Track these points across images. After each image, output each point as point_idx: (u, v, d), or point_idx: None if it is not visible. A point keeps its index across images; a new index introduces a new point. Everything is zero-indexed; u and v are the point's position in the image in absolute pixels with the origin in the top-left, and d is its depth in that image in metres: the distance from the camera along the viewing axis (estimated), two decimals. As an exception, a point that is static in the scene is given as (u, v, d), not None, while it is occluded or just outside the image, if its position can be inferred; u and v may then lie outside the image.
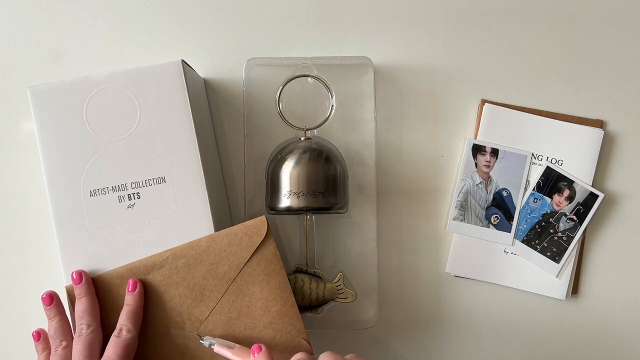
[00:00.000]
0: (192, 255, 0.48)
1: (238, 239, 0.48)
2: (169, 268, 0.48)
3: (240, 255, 0.48)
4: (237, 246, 0.48)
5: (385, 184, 0.60)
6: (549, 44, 0.61)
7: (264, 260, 0.48)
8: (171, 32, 0.60)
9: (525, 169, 0.60)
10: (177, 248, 0.48)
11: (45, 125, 0.49)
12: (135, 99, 0.49)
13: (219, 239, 0.48)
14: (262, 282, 0.48)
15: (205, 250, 0.48)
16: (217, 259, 0.48)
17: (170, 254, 0.48)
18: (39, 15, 0.60)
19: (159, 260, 0.48)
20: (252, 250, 0.48)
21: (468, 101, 0.61)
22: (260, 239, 0.48)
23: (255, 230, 0.48)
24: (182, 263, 0.48)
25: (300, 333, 0.48)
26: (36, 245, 0.59)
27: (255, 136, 0.59)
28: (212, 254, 0.48)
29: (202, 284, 0.48)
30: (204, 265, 0.48)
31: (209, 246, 0.48)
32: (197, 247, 0.48)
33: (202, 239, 0.48)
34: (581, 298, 0.61)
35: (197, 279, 0.48)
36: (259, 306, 0.48)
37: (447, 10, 0.61)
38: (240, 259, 0.48)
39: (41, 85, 0.49)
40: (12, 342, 0.59)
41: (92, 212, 0.49)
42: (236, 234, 0.48)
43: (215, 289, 0.48)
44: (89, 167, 0.49)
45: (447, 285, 0.61)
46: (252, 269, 0.48)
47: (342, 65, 0.59)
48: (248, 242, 0.48)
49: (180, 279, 0.48)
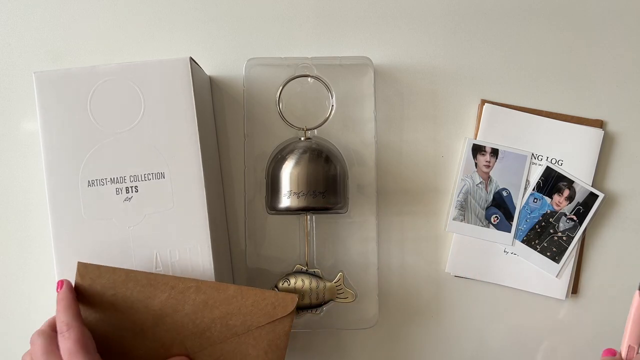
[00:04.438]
0: (214, 296, 0.47)
1: (263, 304, 0.48)
2: (186, 297, 0.47)
3: (256, 319, 0.48)
4: (258, 309, 0.48)
5: (385, 184, 0.60)
6: (549, 44, 0.61)
7: (274, 333, 0.48)
8: (171, 31, 0.60)
9: (525, 169, 0.60)
10: (203, 283, 0.48)
11: (47, 112, 0.49)
12: (141, 93, 0.49)
13: (247, 294, 0.48)
14: (262, 350, 0.48)
15: (228, 298, 0.47)
16: (234, 311, 0.47)
17: (194, 285, 0.47)
18: (41, 14, 0.60)
19: (180, 286, 0.47)
20: (270, 320, 0.48)
21: (468, 101, 0.61)
22: (282, 314, 0.48)
23: (282, 304, 0.48)
24: (201, 299, 0.47)
25: None
26: (36, 246, 0.60)
27: (255, 136, 0.59)
28: (233, 305, 0.47)
29: (208, 325, 0.47)
30: (220, 310, 0.47)
31: (234, 296, 0.48)
32: (222, 291, 0.48)
33: (231, 286, 0.48)
34: (581, 298, 0.61)
35: (206, 318, 0.47)
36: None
37: (447, 10, 0.61)
38: (254, 322, 0.48)
39: (47, 72, 0.49)
40: (12, 341, 0.59)
41: (89, 203, 0.49)
42: (264, 299, 0.48)
43: (217, 335, 0.47)
44: (88, 157, 0.49)
45: (447, 285, 0.61)
46: (260, 334, 0.48)
47: (342, 65, 0.59)
48: (271, 311, 0.48)
49: (191, 311, 0.47)
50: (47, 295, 0.59)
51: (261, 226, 0.59)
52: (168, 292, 0.47)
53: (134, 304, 0.47)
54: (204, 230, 0.49)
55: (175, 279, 0.47)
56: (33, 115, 0.58)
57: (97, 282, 0.46)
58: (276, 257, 0.59)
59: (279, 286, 0.55)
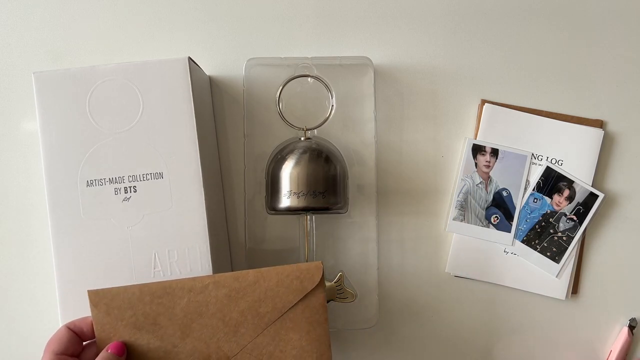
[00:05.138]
0: (235, 287, 0.45)
1: (288, 280, 0.45)
2: (207, 296, 0.44)
3: (286, 299, 0.45)
4: (285, 288, 0.45)
5: (385, 184, 0.60)
6: (549, 44, 0.61)
7: (309, 309, 0.45)
8: (171, 31, 0.60)
9: (525, 169, 0.60)
10: (220, 276, 0.45)
11: (47, 112, 0.49)
12: (139, 93, 0.49)
13: (268, 276, 0.45)
14: (303, 330, 0.45)
15: (250, 285, 0.45)
16: (261, 297, 0.45)
17: (211, 280, 0.45)
18: (41, 14, 0.60)
19: (198, 285, 0.45)
20: (301, 296, 0.45)
21: (468, 101, 0.61)
22: (311, 286, 0.45)
23: (308, 276, 0.45)
24: (223, 293, 0.44)
25: None
26: (36, 245, 0.60)
27: (255, 136, 0.59)
28: (258, 291, 0.45)
29: (239, 320, 0.45)
30: (246, 300, 0.45)
31: (255, 281, 0.45)
32: (242, 280, 0.45)
33: (249, 272, 0.45)
34: (581, 298, 0.61)
35: (235, 313, 0.45)
36: (293, 354, 0.45)
37: (447, 10, 0.61)
38: (285, 302, 0.45)
39: (46, 72, 0.49)
40: (12, 341, 0.59)
41: (88, 203, 0.49)
42: (287, 275, 0.45)
43: (251, 328, 0.45)
44: (87, 157, 0.49)
45: (447, 285, 0.61)
46: (295, 314, 0.45)
47: (342, 65, 0.59)
48: (298, 286, 0.45)
49: (217, 310, 0.44)
50: (47, 295, 0.59)
51: (261, 226, 0.59)
52: (187, 296, 0.44)
53: (156, 319, 0.44)
54: (202, 231, 0.49)
55: (190, 280, 0.45)
56: (33, 115, 0.58)
57: (113, 306, 0.44)
58: (276, 257, 0.59)
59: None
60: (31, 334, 0.59)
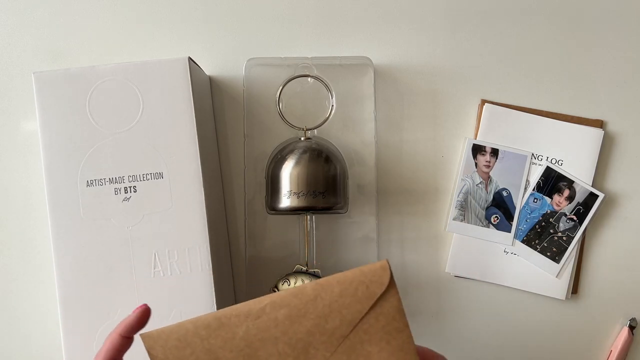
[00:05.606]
0: (295, 305, 0.40)
1: (353, 288, 0.40)
2: (266, 319, 0.40)
3: (354, 309, 0.40)
4: (351, 297, 0.40)
5: (385, 184, 0.60)
6: (549, 44, 0.61)
7: (384, 316, 0.40)
8: (171, 31, 0.60)
9: (525, 169, 0.60)
10: (277, 295, 0.40)
11: (47, 112, 0.49)
12: (139, 93, 0.49)
13: (329, 287, 0.40)
14: (382, 341, 0.40)
15: (311, 301, 0.40)
16: (326, 312, 0.40)
17: (268, 301, 0.40)
18: (40, 14, 0.60)
19: (254, 309, 0.40)
20: (371, 304, 0.40)
21: (468, 101, 0.61)
22: (381, 290, 0.40)
23: (374, 279, 0.40)
24: (283, 314, 0.40)
25: None
26: (36, 245, 0.59)
27: (255, 136, 0.59)
28: (321, 306, 0.40)
29: (306, 341, 0.39)
30: (310, 318, 0.40)
31: (316, 296, 0.40)
32: (301, 296, 0.40)
33: (307, 285, 0.40)
34: (581, 298, 0.61)
35: (300, 334, 0.39)
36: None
37: (447, 10, 0.61)
38: (354, 314, 0.40)
39: (46, 72, 0.49)
40: (12, 341, 0.59)
41: (88, 203, 0.49)
42: (350, 283, 0.40)
43: (322, 347, 0.39)
44: (87, 157, 0.49)
45: (447, 285, 0.61)
46: (369, 325, 0.40)
47: (342, 65, 0.59)
48: (365, 292, 0.40)
49: (280, 333, 0.39)
50: (47, 295, 0.59)
51: (261, 226, 0.59)
52: (245, 324, 0.40)
53: (217, 354, 0.39)
54: (202, 230, 0.49)
55: (245, 305, 0.40)
56: (32, 115, 0.58)
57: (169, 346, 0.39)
58: (276, 257, 0.59)
59: (279, 287, 0.55)
60: (31, 334, 0.59)
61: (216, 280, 0.50)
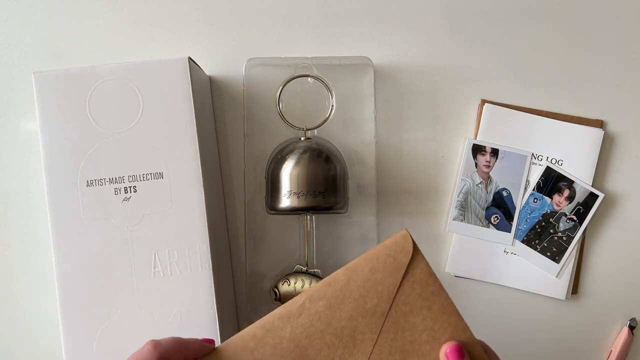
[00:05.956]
0: (331, 293, 0.40)
1: (381, 263, 0.40)
2: (308, 315, 0.40)
3: (388, 283, 0.40)
4: (382, 272, 0.40)
5: (385, 184, 0.60)
6: (549, 44, 0.61)
7: (418, 283, 0.40)
8: (171, 31, 0.60)
9: (525, 169, 0.60)
10: (312, 289, 0.40)
11: (47, 112, 0.49)
12: (139, 93, 0.49)
13: (359, 268, 0.40)
14: (423, 309, 0.40)
15: (345, 285, 0.40)
16: (362, 292, 0.40)
17: (305, 297, 0.40)
18: (40, 14, 0.60)
19: (294, 308, 0.40)
20: (402, 274, 0.40)
21: (468, 101, 0.61)
22: (407, 258, 0.40)
23: (399, 249, 0.40)
24: (323, 305, 0.40)
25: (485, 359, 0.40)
26: (36, 245, 0.59)
27: (255, 136, 0.59)
28: (355, 288, 0.40)
29: (351, 326, 0.40)
30: (349, 302, 0.40)
31: (348, 279, 0.40)
32: (335, 284, 0.40)
33: (338, 272, 0.40)
34: (581, 298, 0.61)
35: (343, 321, 0.40)
36: (424, 339, 0.40)
37: (447, 10, 0.61)
38: (389, 287, 0.40)
39: (46, 72, 0.49)
40: (12, 341, 0.59)
41: (88, 203, 0.49)
42: (377, 258, 0.40)
43: (368, 329, 0.40)
44: (87, 157, 0.49)
45: (447, 285, 0.60)
46: (406, 296, 0.40)
47: (342, 65, 0.59)
48: (394, 264, 0.40)
49: (324, 325, 0.39)
50: (47, 295, 0.59)
51: (261, 226, 0.59)
52: (288, 325, 0.40)
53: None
54: (202, 230, 0.49)
55: (284, 307, 0.40)
56: (33, 115, 0.58)
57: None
58: (276, 257, 0.59)
59: (279, 287, 0.55)
60: (31, 334, 0.59)
61: (216, 280, 0.50)
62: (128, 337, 0.48)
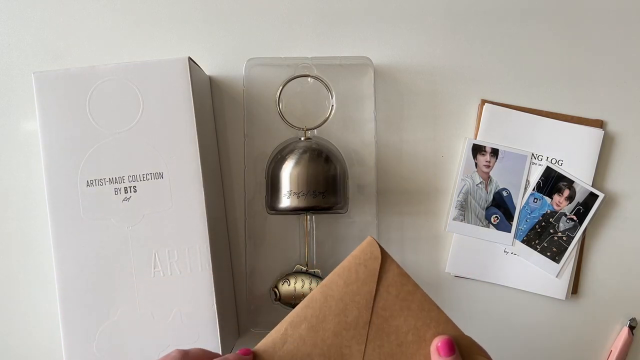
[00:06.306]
0: (311, 314, 0.40)
1: (354, 274, 0.41)
2: (292, 341, 0.40)
3: (364, 292, 0.40)
4: (356, 283, 0.40)
5: (385, 184, 0.60)
6: (549, 44, 0.61)
7: (392, 286, 0.41)
8: (171, 31, 0.60)
9: (525, 169, 0.60)
10: (292, 314, 0.41)
11: (47, 112, 0.49)
12: (139, 93, 0.49)
13: (333, 283, 0.41)
14: (402, 310, 0.40)
15: (324, 303, 0.40)
16: (341, 307, 0.40)
17: (287, 324, 0.41)
18: (40, 14, 0.60)
19: (277, 337, 0.40)
20: (375, 280, 0.41)
21: (468, 101, 0.61)
22: (378, 264, 0.41)
23: (368, 256, 0.41)
24: (305, 328, 0.40)
25: (472, 348, 0.41)
26: (36, 245, 0.59)
27: (255, 136, 0.59)
28: (334, 303, 0.40)
29: (337, 343, 0.40)
30: (330, 319, 0.40)
31: (326, 296, 0.41)
32: (313, 304, 0.41)
33: (314, 292, 0.41)
34: (581, 298, 0.61)
35: (328, 339, 0.40)
36: (410, 340, 0.40)
37: (447, 10, 0.61)
38: (367, 296, 0.40)
39: (46, 72, 0.49)
40: (12, 341, 0.59)
41: (88, 203, 0.49)
42: (349, 270, 0.41)
43: (354, 342, 0.40)
44: (87, 157, 0.49)
45: (447, 285, 0.61)
46: (384, 301, 0.40)
47: (342, 65, 0.59)
48: (366, 272, 0.41)
49: (310, 347, 0.40)
50: (47, 295, 0.59)
51: (261, 226, 0.59)
52: (275, 356, 0.40)
53: None
54: (202, 230, 0.49)
55: (267, 339, 0.41)
56: (33, 115, 0.58)
57: None
58: (276, 257, 0.59)
59: (279, 287, 0.55)
60: (31, 334, 0.59)
61: (216, 280, 0.50)
62: (128, 337, 0.48)
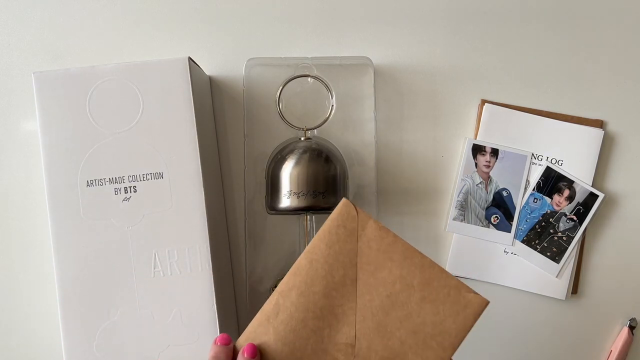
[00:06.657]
0: (300, 281, 0.41)
1: (334, 235, 0.41)
2: (284, 310, 0.41)
3: (347, 250, 0.41)
4: (337, 243, 0.41)
5: (385, 184, 0.60)
6: (549, 44, 0.61)
7: (373, 240, 0.41)
8: (171, 31, 0.60)
9: (525, 169, 0.60)
10: (280, 285, 0.42)
11: (47, 112, 0.49)
12: (139, 93, 0.49)
13: (316, 247, 0.42)
14: (386, 261, 0.41)
15: (310, 268, 0.41)
16: (327, 268, 0.41)
17: (277, 295, 0.41)
18: (40, 14, 0.60)
19: (270, 309, 0.41)
20: (356, 237, 0.41)
21: (468, 101, 0.61)
22: (355, 222, 0.41)
23: (345, 216, 0.42)
24: (295, 295, 0.41)
25: (460, 289, 0.42)
26: (36, 245, 0.59)
27: (255, 136, 0.59)
28: (319, 267, 0.41)
29: (328, 304, 0.40)
30: (318, 283, 0.41)
31: (310, 261, 0.41)
32: (300, 271, 0.41)
33: (299, 260, 0.42)
34: (581, 298, 0.61)
35: (320, 302, 0.40)
36: (398, 289, 0.40)
37: (447, 10, 0.61)
38: (350, 254, 0.41)
39: (46, 72, 0.49)
40: (12, 341, 0.59)
41: (88, 203, 0.49)
42: (329, 232, 0.42)
43: (344, 300, 0.40)
44: (87, 157, 0.49)
45: (447, 285, 0.61)
46: (367, 256, 0.41)
47: (342, 65, 0.59)
48: (345, 232, 0.41)
49: (303, 313, 0.40)
50: (46, 295, 0.59)
51: (261, 226, 0.59)
52: (270, 327, 0.41)
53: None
54: (202, 230, 0.49)
55: (260, 314, 0.42)
56: (33, 115, 0.58)
57: None
58: (276, 257, 0.59)
59: (279, 286, 0.55)
60: (31, 334, 0.59)
61: (216, 280, 0.50)
62: (128, 337, 0.48)
